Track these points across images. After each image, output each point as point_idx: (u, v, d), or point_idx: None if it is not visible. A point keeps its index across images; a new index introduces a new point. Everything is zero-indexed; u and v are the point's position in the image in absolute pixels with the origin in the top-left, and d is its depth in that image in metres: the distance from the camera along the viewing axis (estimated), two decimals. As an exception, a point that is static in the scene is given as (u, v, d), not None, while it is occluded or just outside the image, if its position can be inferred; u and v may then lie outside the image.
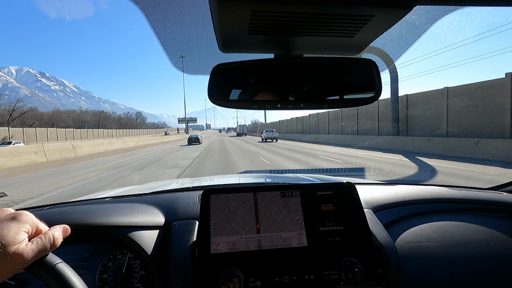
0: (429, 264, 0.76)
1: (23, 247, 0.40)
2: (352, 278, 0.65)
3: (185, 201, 0.92)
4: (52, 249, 0.44)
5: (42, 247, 0.42)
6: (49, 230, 0.45)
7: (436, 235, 0.83)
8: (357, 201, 0.78)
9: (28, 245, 0.41)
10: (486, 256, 0.79)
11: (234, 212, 0.73)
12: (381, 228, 0.80)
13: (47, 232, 0.44)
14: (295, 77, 0.64)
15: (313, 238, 0.72)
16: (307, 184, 0.81)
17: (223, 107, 0.67)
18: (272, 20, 0.49)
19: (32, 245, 0.41)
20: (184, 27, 0.59)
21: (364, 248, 0.72)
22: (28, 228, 0.42)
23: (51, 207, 0.93)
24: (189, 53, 0.69)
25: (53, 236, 0.44)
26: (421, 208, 0.94)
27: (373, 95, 0.65)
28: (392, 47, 0.66)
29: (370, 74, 0.64)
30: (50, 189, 6.71)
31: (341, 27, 0.52)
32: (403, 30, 0.57)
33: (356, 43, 0.60)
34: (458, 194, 1.02)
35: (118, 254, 0.77)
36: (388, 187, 1.09)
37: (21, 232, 0.40)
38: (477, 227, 0.87)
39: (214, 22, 0.51)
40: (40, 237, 0.43)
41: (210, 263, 0.67)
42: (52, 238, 0.44)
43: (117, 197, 1.07)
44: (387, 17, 0.48)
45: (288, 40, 0.58)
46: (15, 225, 0.40)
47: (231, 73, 0.64)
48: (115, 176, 8.48)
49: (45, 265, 0.44)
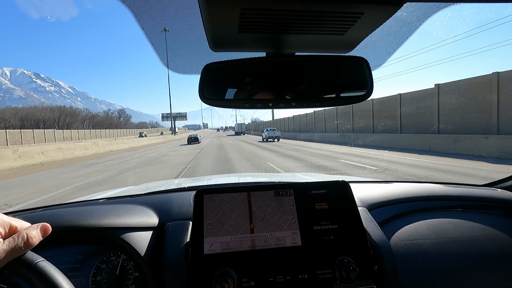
0: (424, 261, 0.76)
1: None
2: (346, 277, 0.65)
3: (179, 202, 0.91)
4: (27, 248, 0.43)
5: (14, 247, 0.42)
6: (24, 229, 0.44)
7: (431, 232, 0.83)
8: (351, 199, 0.78)
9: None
10: (481, 253, 0.79)
11: (228, 212, 0.73)
12: (375, 226, 0.80)
13: (21, 232, 0.44)
14: (287, 75, 0.64)
15: (307, 237, 0.71)
16: (301, 183, 0.81)
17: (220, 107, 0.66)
18: (262, 18, 0.49)
19: (3, 245, 0.41)
20: (174, 26, 0.58)
21: (358, 246, 0.72)
22: (0, 231, 0.41)
23: (44, 209, 0.91)
24: (180, 52, 0.68)
25: (27, 235, 0.44)
26: (416, 205, 0.94)
27: (365, 93, 0.65)
28: (384, 45, 0.65)
29: (361, 72, 0.64)
30: None
31: (332, 24, 0.52)
32: (394, 27, 0.57)
33: (348, 40, 0.59)
34: (453, 191, 1.02)
35: (112, 256, 0.76)
36: (383, 185, 1.09)
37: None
38: (472, 224, 0.87)
39: (204, 21, 0.51)
40: (13, 237, 0.42)
41: (204, 263, 0.67)
42: (26, 237, 0.43)
43: (111, 198, 1.06)
44: (378, 14, 0.48)
45: (279, 38, 0.58)
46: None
47: (222, 72, 0.64)
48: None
49: (25, 263, 0.44)
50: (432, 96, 13.17)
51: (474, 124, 11.05)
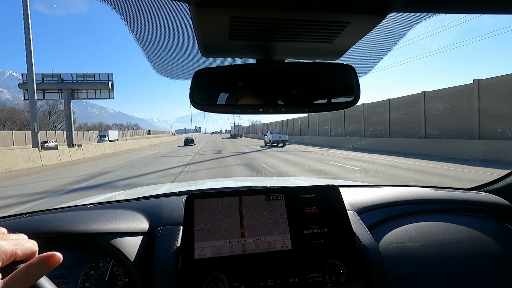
0: (412, 264, 0.77)
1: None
2: (336, 280, 0.65)
3: (170, 206, 0.90)
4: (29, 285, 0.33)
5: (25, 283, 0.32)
6: (27, 264, 0.34)
7: (419, 235, 0.84)
8: (340, 203, 0.79)
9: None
10: (467, 255, 0.80)
11: (219, 217, 0.73)
12: (364, 230, 0.81)
13: (21, 269, 0.33)
14: (277, 81, 0.65)
15: (298, 241, 0.72)
16: (292, 187, 0.81)
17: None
18: (251, 26, 0.49)
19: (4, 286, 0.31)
20: (165, 32, 0.58)
21: (347, 250, 0.72)
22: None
23: (31, 215, 0.89)
24: (171, 57, 0.67)
25: (29, 274, 0.33)
26: (405, 209, 0.95)
27: (352, 99, 0.66)
28: (371, 52, 0.67)
29: (349, 79, 0.65)
30: None
31: (319, 33, 0.53)
32: (381, 36, 0.58)
33: (335, 48, 0.60)
34: (440, 194, 1.04)
35: (101, 262, 0.74)
36: (372, 189, 1.10)
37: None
38: (458, 226, 0.88)
39: (195, 28, 0.51)
40: (11, 277, 0.32)
41: (194, 268, 0.66)
42: (27, 275, 0.33)
43: (101, 203, 1.04)
44: (363, 24, 0.49)
45: (269, 46, 0.59)
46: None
47: (213, 77, 0.64)
48: None
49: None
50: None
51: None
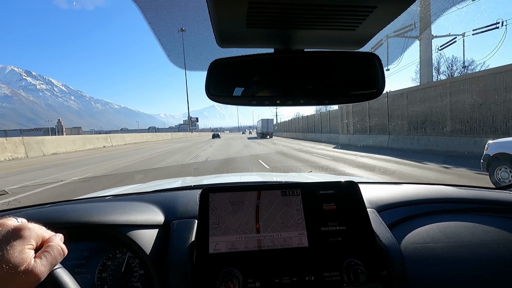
0: (435, 265, 0.76)
1: (32, 264, 0.39)
2: (355, 279, 0.66)
3: (185, 200, 0.93)
4: (61, 259, 0.44)
5: (53, 260, 0.43)
6: (52, 241, 0.45)
7: (442, 235, 0.83)
8: (360, 200, 0.79)
9: (38, 262, 0.40)
10: (495, 258, 0.79)
11: (234, 211, 0.75)
12: (385, 229, 0.81)
13: (54, 245, 0.44)
14: (295, 72, 0.65)
15: (314, 238, 0.72)
16: (309, 183, 0.82)
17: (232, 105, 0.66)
18: (270, 12, 0.49)
19: (42, 260, 0.41)
20: (181, 21, 0.60)
21: (367, 249, 0.72)
22: (33, 244, 0.41)
23: (51, 205, 0.95)
24: (187, 48, 0.69)
25: (61, 247, 0.45)
26: (427, 208, 0.94)
27: (376, 91, 0.66)
28: (395, 40, 0.66)
29: (373, 68, 0.65)
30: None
31: (343, 19, 0.52)
32: (407, 22, 0.58)
33: (359, 36, 0.60)
34: (465, 193, 1.02)
35: (118, 253, 0.79)
36: (392, 186, 1.10)
37: (26, 250, 0.40)
38: (485, 227, 0.87)
39: (211, 16, 0.52)
40: (48, 251, 0.43)
41: (209, 263, 0.68)
42: (60, 248, 0.44)
43: (118, 196, 1.10)
44: (391, 8, 0.49)
45: (288, 34, 0.59)
46: (18, 244, 0.39)
47: (229, 68, 0.65)
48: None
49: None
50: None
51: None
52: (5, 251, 0.38)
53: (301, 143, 23.48)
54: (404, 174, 6.92)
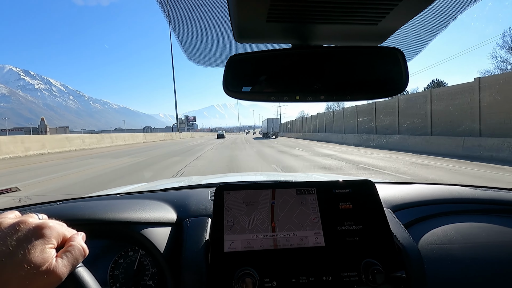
0: (453, 267, 0.76)
1: (54, 264, 0.39)
2: (372, 280, 0.65)
3: (197, 198, 0.93)
4: (82, 259, 0.44)
5: (74, 261, 0.42)
6: (74, 240, 0.44)
7: (459, 236, 0.82)
8: (377, 199, 0.79)
9: (59, 262, 0.40)
10: None
11: (248, 209, 0.74)
12: (402, 229, 0.80)
13: (75, 245, 0.43)
14: (315, 67, 0.64)
15: (331, 238, 0.72)
16: (324, 181, 0.81)
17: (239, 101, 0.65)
18: (292, 6, 0.49)
19: (63, 260, 0.40)
20: (201, 17, 0.59)
21: (384, 249, 0.72)
22: (54, 243, 0.41)
23: (63, 202, 0.94)
24: (205, 44, 0.68)
25: (82, 247, 0.44)
26: (443, 208, 0.94)
27: (399, 87, 0.65)
28: (418, 35, 0.65)
29: (395, 64, 0.64)
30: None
31: (365, 13, 0.52)
32: (431, 16, 0.57)
33: (380, 31, 0.59)
34: (481, 194, 1.02)
35: (130, 251, 0.78)
36: (407, 186, 1.09)
37: (47, 249, 0.39)
38: (503, 228, 0.86)
39: (231, 11, 0.51)
40: (69, 251, 0.42)
41: (224, 261, 0.68)
42: (81, 249, 0.43)
43: (129, 193, 1.09)
44: (416, 2, 0.48)
45: (307, 29, 0.58)
46: (39, 243, 0.39)
47: (247, 64, 0.64)
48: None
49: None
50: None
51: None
52: (26, 251, 0.37)
53: (327, 145, 18.82)
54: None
